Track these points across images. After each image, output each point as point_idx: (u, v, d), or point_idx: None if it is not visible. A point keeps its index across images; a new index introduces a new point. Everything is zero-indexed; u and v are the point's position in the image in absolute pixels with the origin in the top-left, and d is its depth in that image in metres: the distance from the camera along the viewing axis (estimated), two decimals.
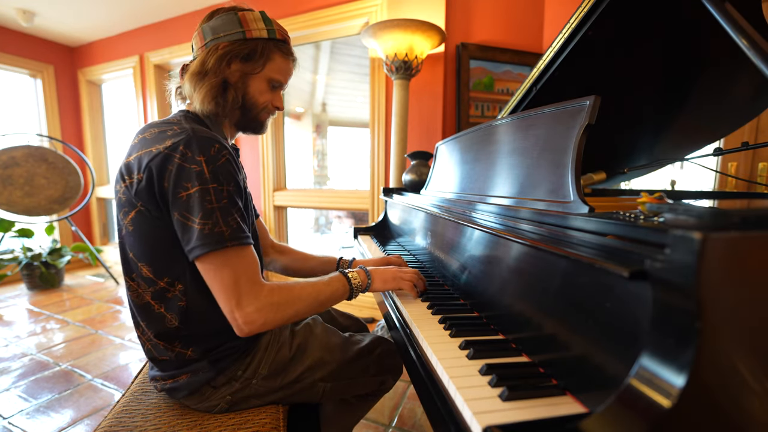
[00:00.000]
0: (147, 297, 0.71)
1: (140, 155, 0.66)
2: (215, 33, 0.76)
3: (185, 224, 0.64)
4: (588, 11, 0.85)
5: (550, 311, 0.53)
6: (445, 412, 0.47)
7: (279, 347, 0.81)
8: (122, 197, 0.69)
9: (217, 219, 0.64)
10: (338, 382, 0.84)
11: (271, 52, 0.79)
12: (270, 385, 0.79)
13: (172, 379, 0.75)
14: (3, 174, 2.90)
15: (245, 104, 0.81)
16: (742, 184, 1.80)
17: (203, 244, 0.62)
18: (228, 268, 0.65)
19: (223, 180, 0.66)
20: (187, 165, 0.63)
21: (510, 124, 0.85)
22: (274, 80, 0.82)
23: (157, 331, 0.71)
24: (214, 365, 0.74)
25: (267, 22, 0.78)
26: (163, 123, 0.71)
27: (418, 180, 1.67)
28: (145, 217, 0.67)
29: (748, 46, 0.54)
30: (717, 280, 0.33)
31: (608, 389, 0.40)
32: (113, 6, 2.89)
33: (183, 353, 0.72)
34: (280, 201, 2.86)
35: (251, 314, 0.65)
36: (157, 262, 0.69)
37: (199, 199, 0.63)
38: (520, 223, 0.64)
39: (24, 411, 1.50)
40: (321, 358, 0.82)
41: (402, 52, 1.85)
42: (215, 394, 0.76)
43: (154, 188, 0.64)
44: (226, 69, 0.76)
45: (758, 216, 0.37)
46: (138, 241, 0.69)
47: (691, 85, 1.06)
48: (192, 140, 0.65)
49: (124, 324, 2.38)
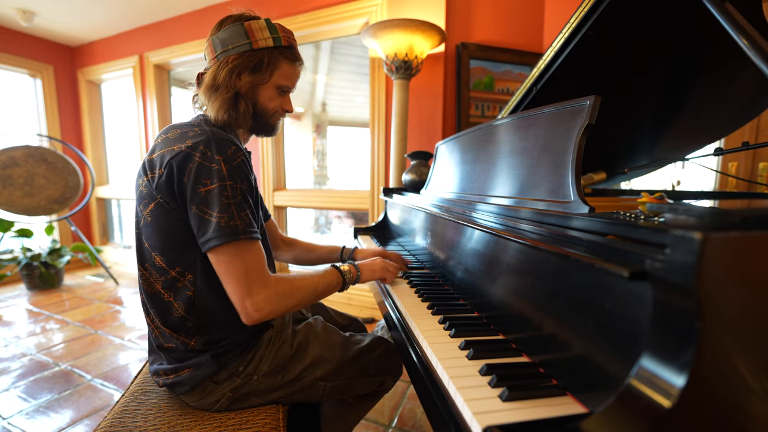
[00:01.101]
0: (158, 286, 0.75)
1: (163, 153, 0.72)
2: (224, 45, 0.79)
3: (202, 217, 0.69)
4: (588, 11, 0.85)
5: (550, 311, 0.53)
6: (445, 412, 0.47)
7: (280, 344, 0.83)
8: (143, 190, 0.74)
9: (233, 213, 0.69)
10: (338, 381, 0.85)
11: (277, 61, 0.82)
12: (270, 383, 0.80)
13: (174, 374, 0.76)
14: (3, 174, 2.90)
15: (256, 111, 0.85)
16: (742, 184, 1.80)
17: (220, 235, 0.67)
18: (239, 260, 0.69)
19: (238, 178, 0.71)
20: (206, 163, 0.69)
21: (510, 124, 0.84)
22: (282, 86, 0.86)
23: (165, 319, 0.75)
24: (216, 359, 0.76)
25: (272, 29, 0.81)
26: (185, 125, 0.77)
27: (418, 180, 1.67)
28: (164, 209, 0.72)
29: (748, 46, 0.54)
30: (717, 280, 0.33)
31: (608, 389, 0.40)
32: (113, 6, 2.89)
33: (187, 342, 0.75)
34: (280, 201, 2.86)
35: (260, 302, 0.70)
36: (170, 253, 0.73)
37: (217, 195, 0.68)
38: (520, 223, 0.64)
39: (24, 411, 1.49)
40: (321, 355, 0.84)
41: (402, 52, 1.85)
42: (216, 390, 0.77)
43: (174, 183, 0.69)
44: (237, 81, 0.81)
45: (758, 216, 0.37)
46: (155, 232, 0.73)
47: (691, 85, 1.06)
48: (211, 141, 0.70)
49: (123, 324, 2.38)
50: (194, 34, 2.97)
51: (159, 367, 0.78)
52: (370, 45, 2.00)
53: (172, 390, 0.78)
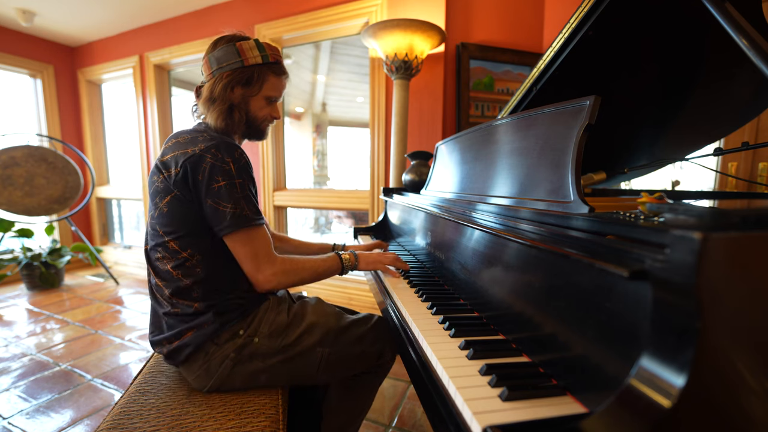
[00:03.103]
0: (168, 266, 0.85)
1: (176, 155, 0.83)
2: (219, 63, 0.91)
3: (217, 209, 0.81)
4: (588, 11, 0.85)
5: (550, 311, 0.53)
6: (445, 412, 0.47)
7: (278, 312, 0.92)
8: (159, 186, 0.85)
9: (243, 205, 0.83)
10: (335, 348, 0.91)
11: (266, 75, 0.94)
12: (271, 344, 0.87)
13: (177, 339, 0.83)
14: (3, 174, 2.90)
15: (248, 120, 0.97)
16: (742, 184, 1.80)
17: (234, 224, 0.81)
18: (250, 243, 0.84)
19: (245, 176, 0.85)
20: (218, 164, 0.81)
21: (510, 124, 0.85)
22: (270, 97, 0.97)
23: (172, 291, 0.85)
24: (218, 317, 0.84)
25: (260, 48, 0.92)
26: (194, 131, 0.89)
27: (418, 180, 1.67)
28: (180, 200, 0.83)
29: (748, 46, 0.54)
30: (717, 280, 0.33)
31: (608, 389, 0.40)
32: (113, 6, 2.89)
33: (191, 305, 0.85)
34: (280, 201, 2.86)
35: (269, 276, 0.86)
36: (183, 237, 0.84)
37: (228, 190, 0.81)
38: (520, 223, 0.64)
39: (24, 411, 1.49)
40: (316, 321, 0.93)
41: (402, 52, 1.85)
42: (219, 352, 0.83)
43: (189, 180, 0.82)
44: (231, 94, 0.92)
45: (758, 216, 0.37)
46: (171, 220, 0.84)
47: (691, 85, 1.06)
48: (221, 145, 0.83)
49: (124, 324, 2.38)
50: (194, 34, 2.98)
51: (161, 336, 0.85)
52: (370, 45, 2.00)
53: (172, 359, 0.85)
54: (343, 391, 1.05)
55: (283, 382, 0.89)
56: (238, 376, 0.84)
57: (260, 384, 0.87)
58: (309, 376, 0.90)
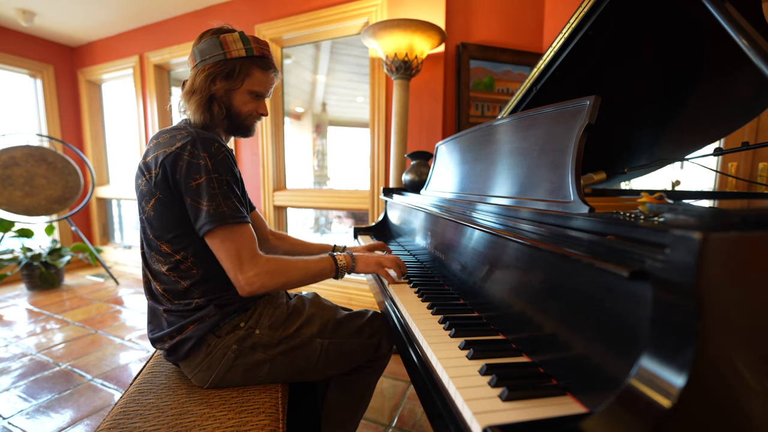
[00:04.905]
0: (163, 269, 0.84)
1: (156, 155, 0.81)
2: (202, 55, 0.88)
3: (197, 207, 0.79)
4: (588, 11, 0.85)
5: (550, 311, 0.53)
6: (445, 413, 0.47)
7: (276, 305, 0.93)
8: (144, 189, 0.83)
9: (220, 202, 0.79)
10: (333, 339, 0.92)
11: (249, 69, 0.90)
12: (272, 335, 0.87)
13: (179, 334, 0.83)
14: (3, 174, 2.90)
15: (231, 114, 0.93)
16: (742, 184, 1.80)
17: (210, 221, 0.78)
18: (230, 241, 0.80)
19: (223, 171, 0.81)
20: (194, 161, 0.79)
21: (510, 124, 0.84)
22: (255, 92, 0.93)
23: (171, 294, 0.84)
24: (219, 309, 0.84)
25: (245, 41, 0.89)
26: (173, 129, 0.86)
27: (418, 180, 1.67)
28: (163, 202, 0.81)
29: (748, 46, 0.54)
30: (717, 280, 0.33)
31: (608, 389, 0.40)
32: (113, 6, 2.89)
33: (191, 302, 0.84)
34: (280, 201, 2.86)
35: (251, 277, 0.80)
36: (173, 240, 0.83)
37: (206, 187, 0.78)
38: (520, 223, 0.64)
39: (24, 411, 1.49)
40: (314, 313, 0.94)
41: (402, 52, 1.85)
42: (221, 344, 0.83)
43: (168, 180, 0.79)
44: (212, 86, 0.89)
45: (758, 216, 0.37)
46: (158, 223, 0.83)
47: (691, 85, 1.06)
48: (197, 140, 0.80)
49: (124, 324, 2.38)
50: (194, 35, 2.95)
51: (162, 332, 0.85)
52: (370, 45, 2.00)
53: (173, 355, 0.84)
54: (342, 388, 1.05)
55: (283, 376, 0.89)
56: (240, 369, 0.84)
57: (261, 378, 0.86)
58: (309, 369, 0.90)
